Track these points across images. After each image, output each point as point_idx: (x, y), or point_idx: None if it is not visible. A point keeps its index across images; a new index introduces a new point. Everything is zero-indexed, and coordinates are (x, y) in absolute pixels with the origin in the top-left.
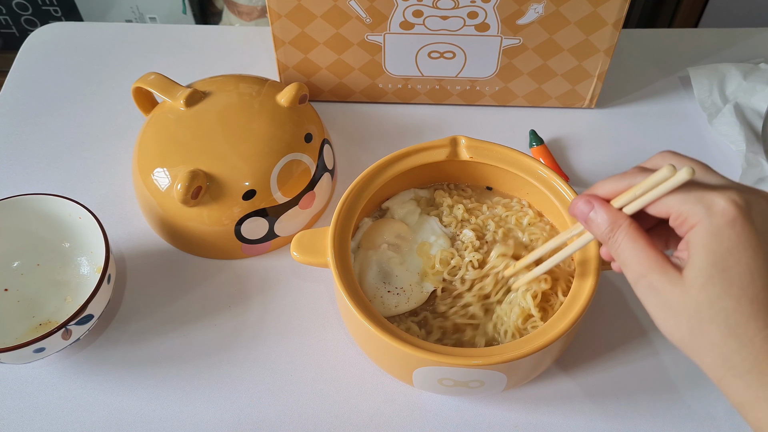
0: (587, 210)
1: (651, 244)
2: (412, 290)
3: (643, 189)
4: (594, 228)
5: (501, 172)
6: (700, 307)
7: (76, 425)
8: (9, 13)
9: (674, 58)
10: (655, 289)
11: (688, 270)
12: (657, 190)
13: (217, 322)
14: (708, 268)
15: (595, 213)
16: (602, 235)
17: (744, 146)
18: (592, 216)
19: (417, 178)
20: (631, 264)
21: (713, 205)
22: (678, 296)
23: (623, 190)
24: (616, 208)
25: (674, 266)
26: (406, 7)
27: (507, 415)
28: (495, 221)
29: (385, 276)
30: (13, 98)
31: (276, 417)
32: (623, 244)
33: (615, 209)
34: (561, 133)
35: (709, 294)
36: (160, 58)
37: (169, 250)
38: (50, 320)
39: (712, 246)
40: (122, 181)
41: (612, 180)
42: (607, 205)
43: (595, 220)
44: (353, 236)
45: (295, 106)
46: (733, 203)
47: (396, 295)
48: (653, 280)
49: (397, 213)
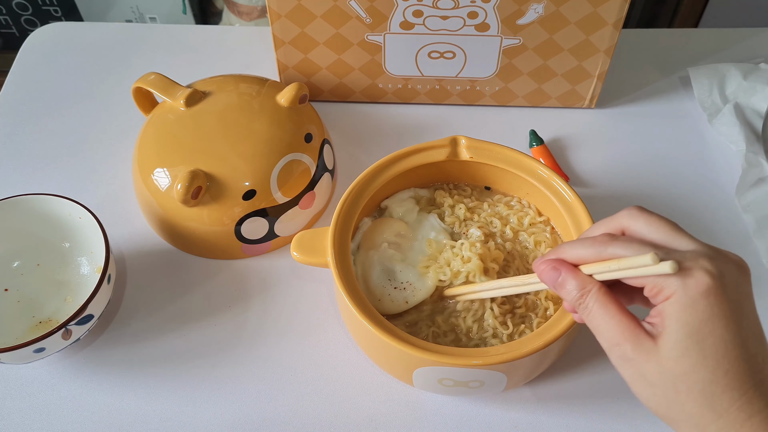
0: (555, 276)
1: (622, 309)
2: (418, 282)
3: (618, 266)
4: (563, 293)
5: (501, 172)
6: (676, 380)
7: (76, 425)
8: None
9: (674, 58)
10: (630, 360)
11: (663, 341)
12: (634, 272)
13: (217, 322)
14: (683, 340)
15: (563, 279)
16: (571, 301)
17: (744, 146)
18: (560, 281)
19: (417, 179)
20: (603, 332)
21: (688, 277)
22: (653, 368)
23: (593, 259)
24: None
25: (647, 334)
26: (406, 7)
27: (507, 415)
28: (498, 218)
29: (389, 274)
30: (13, 98)
31: (276, 417)
32: (594, 311)
33: (583, 275)
34: (561, 133)
35: (685, 366)
36: (160, 58)
37: (169, 250)
38: (51, 319)
39: (686, 318)
40: (122, 181)
41: (580, 245)
42: (574, 270)
43: (564, 285)
44: (353, 237)
45: (295, 106)
46: (707, 273)
47: (403, 290)
48: (627, 351)
49: (396, 212)
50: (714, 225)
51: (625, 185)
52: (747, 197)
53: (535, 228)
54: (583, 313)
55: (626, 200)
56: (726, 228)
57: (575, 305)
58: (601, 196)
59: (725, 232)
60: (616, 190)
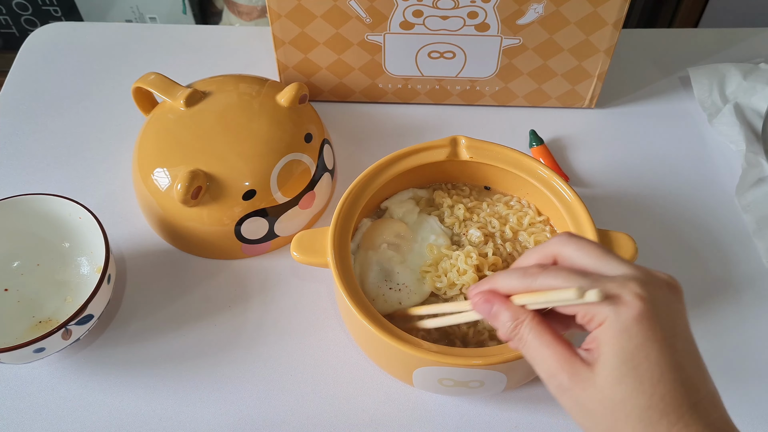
0: (488, 308)
1: (557, 338)
2: (414, 285)
3: (546, 299)
4: (497, 324)
5: (501, 172)
6: (614, 407)
7: (76, 425)
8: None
9: (674, 58)
10: (567, 390)
11: (599, 369)
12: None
13: (217, 322)
14: (619, 366)
15: (497, 310)
16: (506, 332)
17: (744, 146)
18: (493, 313)
19: (417, 179)
20: (539, 362)
21: (619, 303)
22: (591, 396)
23: (523, 290)
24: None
25: (584, 362)
26: (406, 7)
27: (507, 415)
28: (497, 218)
29: (386, 275)
30: (13, 98)
31: (276, 417)
32: (528, 341)
33: (515, 306)
34: (561, 133)
35: (621, 393)
36: (160, 58)
37: (169, 250)
38: (51, 319)
39: (620, 344)
40: (122, 181)
41: (511, 276)
42: (506, 302)
43: (497, 317)
44: (352, 237)
45: (295, 106)
46: (637, 298)
47: (398, 291)
48: (563, 381)
49: (396, 212)
50: (714, 225)
51: (625, 185)
52: (747, 197)
53: (535, 228)
54: (519, 344)
55: (626, 200)
56: (726, 228)
57: (510, 337)
58: (601, 196)
59: (725, 232)
60: (616, 190)
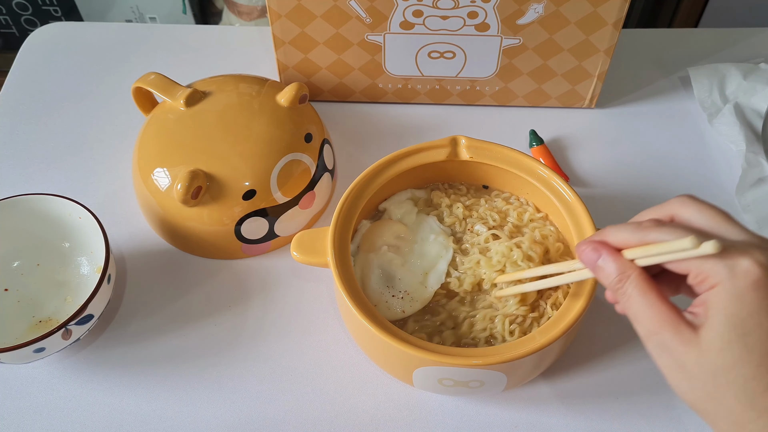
0: (595, 257)
1: (663, 297)
2: (416, 291)
3: (659, 250)
4: (602, 276)
5: (501, 172)
6: (716, 372)
7: (76, 425)
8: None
9: (674, 58)
10: (668, 349)
11: (706, 331)
12: (675, 255)
13: (217, 322)
14: (727, 332)
15: (603, 261)
16: (610, 285)
17: (744, 146)
18: (600, 264)
19: (417, 179)
20: (642, 319)
21: (736, 266)
22: (693, 358)
23: (636, 244)
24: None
25: (689, 324)
26: (406, 7)
27: (507, 415)
28: (497, 213)
29: (388, 279)
30: (13, 98)
31: (276, 417)
32: (633, 297)
33: (624, 259)
34: (561, 133)
35: (727, 359)
36: (160, 58)
37: (169, 250)
38: (51, 318)
39: (732, 309)
40: (122, 181)
41: (624, 229)
42: (615, 253)
43: (603, 268)
44: (352, 239)
45: (295, 106)
46: (757, 264)
47: (401, 299)
48: (666, 339)
49: (395, 214)
50: None
51: (625, 185)
52: (747, 197)
53: (536, 223)
54: (622, 298)
55: (626, 200)
56: None
57: (613, 290)
58: (601, 196)
59: None
60: (616, 190)
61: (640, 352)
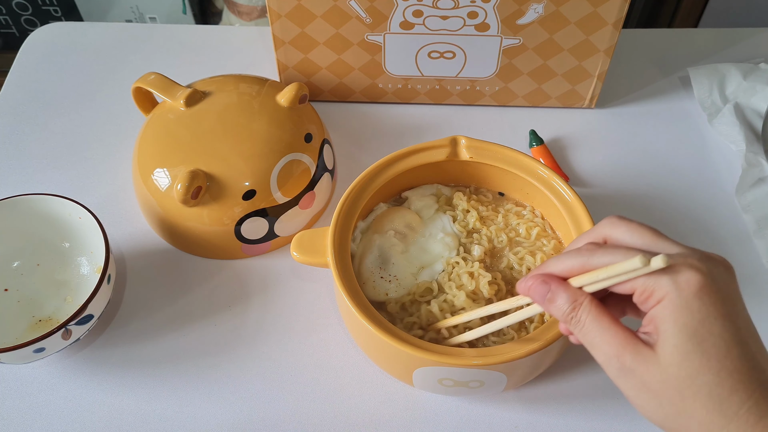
0: (544, 290)
1: (616, 320)
2: (405, 279)
3: (608, 274)
4: (553, 309)
5: (501, 172)
6: (680, 385)
7: (76, 425)
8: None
9: (674, 58)
10: (630, 371)
11: (662, 347)
12: (625, 276)
13: (217, 322)
14: (683, 343)
15: (553, 293)
16: (563, 316)
17: (744, 146)
18: (549, 297)
19: (417, 178)
20: (599, 345)
21: (679, 278)
22: (655, 375)
23: (579, 270)
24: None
25: (645, 343)
26: (406, 7)
27: (507, 415)
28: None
29: (383, 261)
30: (13, 98)
31: (276, 417)
32: (587, 324)
33: (573, 287)
34: (561, 133)
35: (689, 370)
36: (160, 58)
37: (169, 250)
38: (51, 317)
39: (683, 320)
40: (122, 181)
41: (565, 258)
42: (564, 283)
43: (554, 300)
44: (365, 218)
45: (295, 106)
46: (698, 272)
47: (388, 282)
48: (626, 362)
49: (415, 204)
50: (714, 225)
51: (625, 185)
52: (747, 197)
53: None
54: (576, 327)
55: (626, 200)
56: (726, 228)
57: (566, 320)
58: (601, 196)
59: (725, 232)
60: (616, 190)
61: None
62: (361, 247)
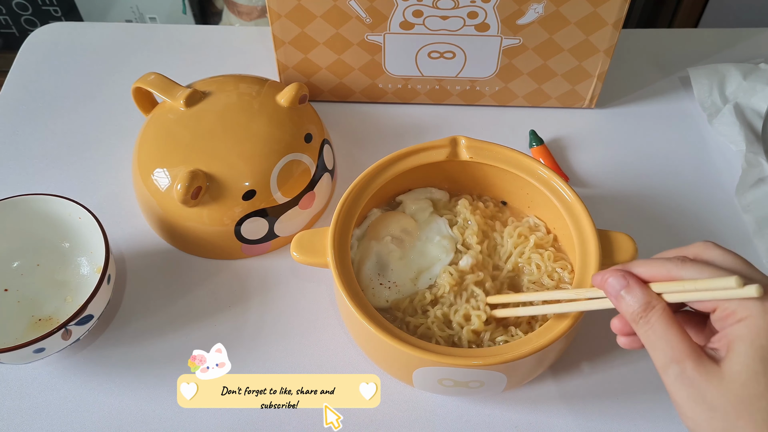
0: (620, 285)
1: (685, 332)
2: (404, 285)
3: (696, 287)
4: (623, 305)
5: (501, 172)
6: (739, 404)
7: (76, 425)
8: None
9: (674, 58)
10: (688, 379)
11: (730, 364)
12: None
13: (217, 322)
14: (754, 364)
15: (628, 290)
16: (632, 314)
17: (744, 146)
18: (623, 293)
19: (417, 179)
20: (663, 348)
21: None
22: (715, 389)
23: (662, 277)
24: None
25: (710, 357)
26: (406, 7)
27: (507, 415)
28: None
29: (381, 268)
30: (13, 98)
31: (276, 417)
32: (655, 327)
33: (651, 290)
34: (561, 133)
35: (753, 390)
36: (160, 58)
37: (169, 250)
38: (51, 317)
39: (760, 342)
40: (122, 181)
41: (651, 264)
42: (643, 284)
43: (626, 298)
44: (360, 225)
45: (295, 106)
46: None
47: (387, 289)
48: (687, 369)
49: (409, 208)
50: (714, 225)
51: (625, 185)
52: (747, 197)
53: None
54: (642, 328)
55: (626, 200)
56: (726, 228)
57: (634, 319)
58: (601, 196)
59: (725, 232)
60: (616, 190)
61: (640, 353)
62: (358, 255)
